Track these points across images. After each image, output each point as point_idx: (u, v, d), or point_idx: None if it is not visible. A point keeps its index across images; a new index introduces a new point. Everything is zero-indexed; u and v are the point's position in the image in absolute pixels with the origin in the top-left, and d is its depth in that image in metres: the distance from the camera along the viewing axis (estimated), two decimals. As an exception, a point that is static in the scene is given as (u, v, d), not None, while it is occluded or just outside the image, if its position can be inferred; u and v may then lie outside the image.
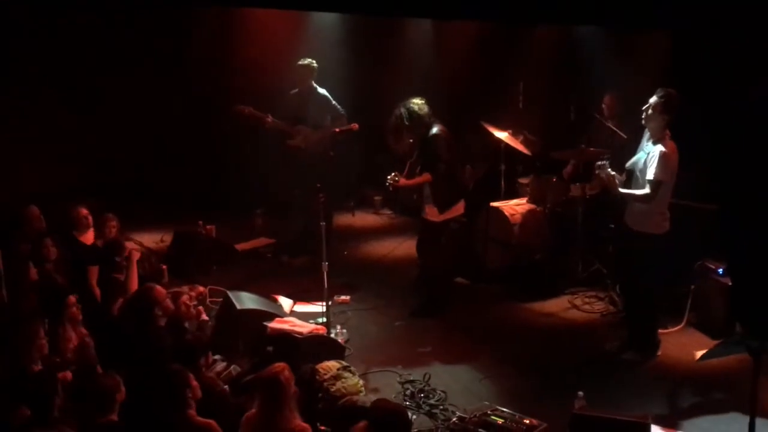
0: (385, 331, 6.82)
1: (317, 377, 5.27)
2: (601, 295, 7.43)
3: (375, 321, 7.02)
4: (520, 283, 7.67)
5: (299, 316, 6.59)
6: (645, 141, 5.99)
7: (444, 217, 6.93)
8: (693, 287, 6.78)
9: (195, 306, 6.06)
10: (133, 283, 6.03)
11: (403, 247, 8.57)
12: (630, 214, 6.06)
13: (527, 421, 4.92)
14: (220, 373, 5.41)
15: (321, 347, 5.85)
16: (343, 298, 7.33)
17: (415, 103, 6.74)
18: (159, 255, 7.87)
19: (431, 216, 6.99)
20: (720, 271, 6.62)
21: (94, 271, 6.29)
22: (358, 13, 9.13)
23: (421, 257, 7.31)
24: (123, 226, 7.41)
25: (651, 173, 5.74)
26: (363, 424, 4.16)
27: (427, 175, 6.79)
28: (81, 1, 8.32)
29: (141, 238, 8.31)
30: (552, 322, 7.06)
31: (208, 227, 8.39)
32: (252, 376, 5.17)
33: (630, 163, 6.03)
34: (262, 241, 8.76)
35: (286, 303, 7.07)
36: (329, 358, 5.53)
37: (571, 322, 7.04)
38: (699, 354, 5.83)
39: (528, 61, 9.33)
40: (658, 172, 5.72)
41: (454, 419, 5.19)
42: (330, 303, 6.55)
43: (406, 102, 6.76)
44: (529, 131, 8.50)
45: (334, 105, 8.17)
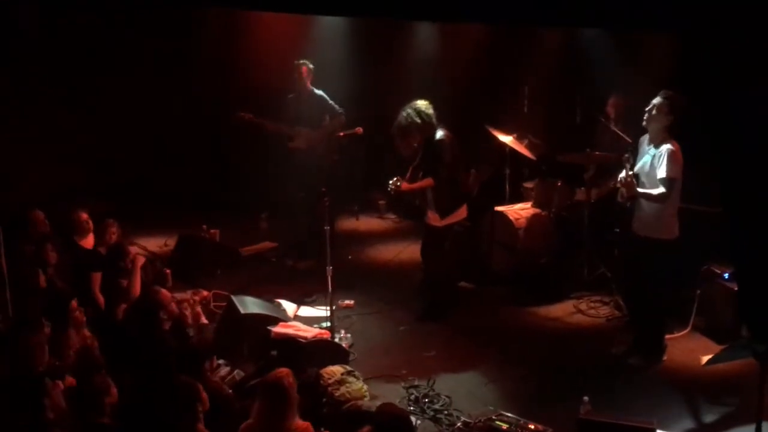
0: (389, 336, 6.81)
1: (321, 382, 5.27)
2: (606, 299, 7.41)
3: (379, 325, 7.00)
4: (525, 287, 7.64)
5: (303, 321, 6.59)
6: (645, 145, 5.97)
7: (446, 222, 6.91)
8: (699, 292, 6.74)
9: (194, 309, 6.05)
10: (136, 289, 6.03)
11: (408, 251, 8.55)
12: (641, 220, 5.99)
13: (532, 426, 4.91)
14: (224, 378, 5.41)
15: (325, 352, 5.85)
16: (347, 302, 7.32)
17: (421, 105, 6.73)
18: (163, 259, 7.87)
19: (433, 221, 6.98)
20: (726, 275, 6.60)
21: (97, 277, 6.29)
22: (362, 16, 9.12)
23: (425, 262, 7.29)
24: (127, 229, 7.42)
25: (663, 172, 5.72)
26: (367, 429, 4.15)
27: (429, 180, 6.77)
28: (81, 1, 8.33)
29: (145, 241, 8.34)
30: (557, 326, 7.04)
31: (212, 231, 8.39)
32: (256, 381, 5.17)
33: (637, 168, 6.00)
34: (267, 245, 8.76)
35: (290, 307, 7.06)
36: (333, 363, 5.53)
37: (577, 327, 7.02)
38: (705, 359, 5.81)
39: (533, 64, 9.31)
40: (669, 169, 5.70)
41: (459, 424, 5.18)
42: (334, 307, 6.54)
43: (411, 104, 6.74)
44: (534, 135, 8.49)
45: (331, 104, 8.21)
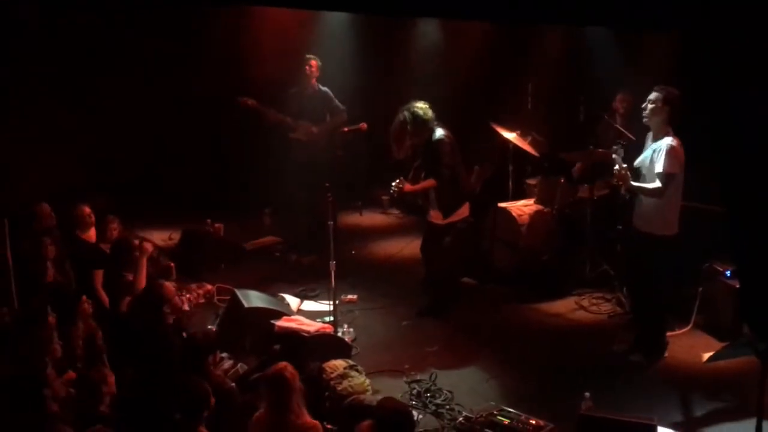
0: (392, 331, 6.83)
1: (324, 376, 5.30)
2: (608, 296, 7.42)
3: (382, 320, 7.03)
4: (528, 284, 7.66)
5: (306, 315, 6.61)
6: (649, 140, 6.01)
7: (448, 221, 6.94)
8: (700, 289, 6.77)
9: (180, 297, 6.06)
10: (142, 281, 6.05)
11: (411, 247, 8.57)
12: (639, 215, 6.04)
13: (534, 421, 4.93)
14: (227, 371, 5.44)
15: (328, 346, 5.87)
16: (350, 297, 7.35)
17: (419, 107, 6.68)
18: (167, 253, 7.90)
19: (436, 219, 6.99)
20: (727, 273, 6.61)
21: (99, 274, 6.31)
22: (366, 12, 9.12)
23: (426, 260, 7.30)
24: (131, 224, 7.44)
25: (660, 166, 5.74)
26: (368, 423, 4.17)
27: (431, 181, 6.76)
28: (81, 1, 8.34)
29: (149, 235, 8.35)
30: (559, 323, 7.06)
31: (216, 226, 8.41)
32: (258, 375, 5.20)
33: (637, 162, 6.03)
34: (270, 239, 8.78)
35: (293, 301, 7.09)
36: (336, 357, 5.56)
37: (578, 323, 7.04)
38: (706, 356, 5.83)
39: (536, 62, 9.32)
40: (667, 164, 5.72)
41: (461, 419, 5.21)
42: (337, 302, 6.57)
43: (409, 106, 6.71)
44: (538, 132, 8.49)
45: (335, 102, 8.24)
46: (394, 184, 6.73)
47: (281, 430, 4.21)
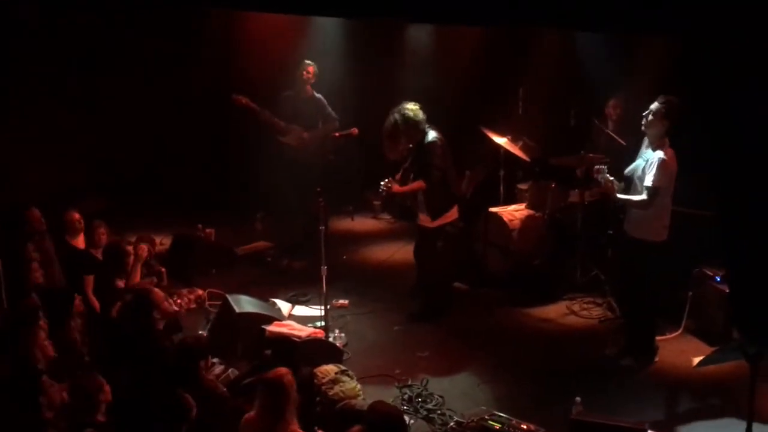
0: (383, 336, 6.83)
1: (315, 381, 5.29)
2: (599, 301, 7.44)
3: (373, 325, 7.03)
4: (519, 288, 7.67)
5: (298, 320, 6.61)
6: (644, 148, 6.03)
7: (437, 223, 6.93)
8: (690, 294, 6.79)
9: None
10: (136, 281, 6.03)
11: (402, 251, 8.57)
12: (629, 221, 6.08)
13: (525, 426, 4.94)
14: (218, 376, 5.43)
15: (319, 351, 5.86)
16: (341, 302, 7.35)
17: (410, 108, 6.71)
18: (158, 258, 7.87)
19: (425, 222, 7.00)
20: (717, 278, 6.63)
21: (90, 280, 6.30)
22: (359, 17, 9.13)
23: (418, 263, 7.31)
24: (121, 228, 7.42)
25: (649, 180, 5.78)
26: (357, 428, 4.16)
27: (420, 183, 6.76)
28: (81, 1, 8.34)
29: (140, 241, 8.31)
30: (550, 327, 7.07)
31: (207, 230, 8.40)
32: (251, 379, 5.19)
33: (629, 169, 6.06)
34: (262, 244, 8.76)
35: (284, 306, 7.08)
36: (327, 362, 5.54)
37: (570, 328, 7.05)
38: (696, 360, 5.83)
39: (528, 67, 9.34)
40: (656, 179, 5.75)
41: (452, 424, 5.21)
42: (329, 307, 6.56)
43: (400, 107, 6.73)
44: (529, 137, 8.52)
45: (329, 110, 8.25)
46: (383, 183, 6.73)
47: None
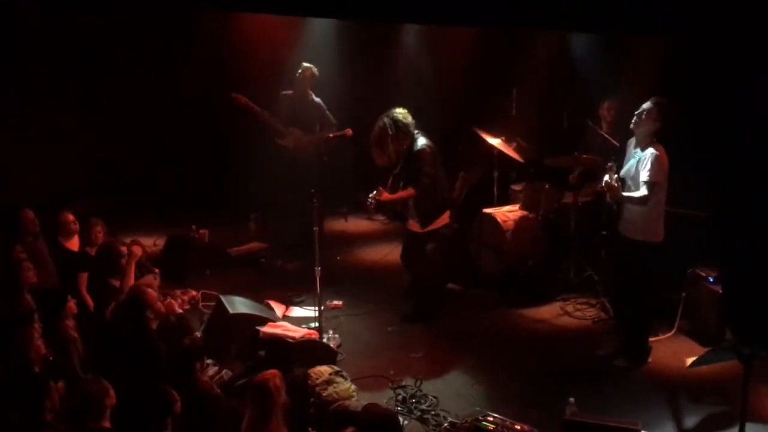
0: (377, 337, 6.83)
1: (309, 382, 5.28)
2: (592, 301, 7.45)
3: (367, 326, 7.02)
4: (513, 289, 7.68)
5: (292, 321, 6.61)
6: (632, 148, 6.05)
7: (426, 230, 6.92)
8: (684, 294, 6.80)
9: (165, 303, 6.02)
10: (130, 284, 6.01)
11: (396, 252, 8.51)
12: (626, 222, 6.06)
13: (518, 426, 4.94)
14: (212, 377, 5.42)
15: (313, 352, 5.87)
16: (335, 303, 7.34)
17: (398, 113, 6.69)
18: (152, 259, 7.86)
19: (414, 227, 7.00)
20: (711, 278, 6.65)
21: (84, 277, 6.28)
22: (353, 18, 9.14)
23: (407, 267, 7.27)
24: (116, 229, 7.40)
25: (645, 175, 5.80)
26: (351, 430, 4.16)
27: (410, 190, 6.74)
28: (81, 1, 8.33)
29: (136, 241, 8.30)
30: (544, 328, 7.08)
31: (201, 231, 8.38)
32: (244, 381, 5.19)
33: (623, 172, 6.07)
34: (256, 245, 8.75)
35: (278, 307, 7.07)
36: (321, 363, 5.54)
37: (563, 329, 7.06)
38: (690, 361, 5.86)
39: (521, 68, 9.35)
40: (652, 173, 5.77)
41: (446, 425, 5.21)
42: (323, 308, 6.56)
43: (389, 113, 6.71)
44: (523, 138, 8.53)
45: (328, 115, 8.25)
46: (370, 196, 6.73)
47: None
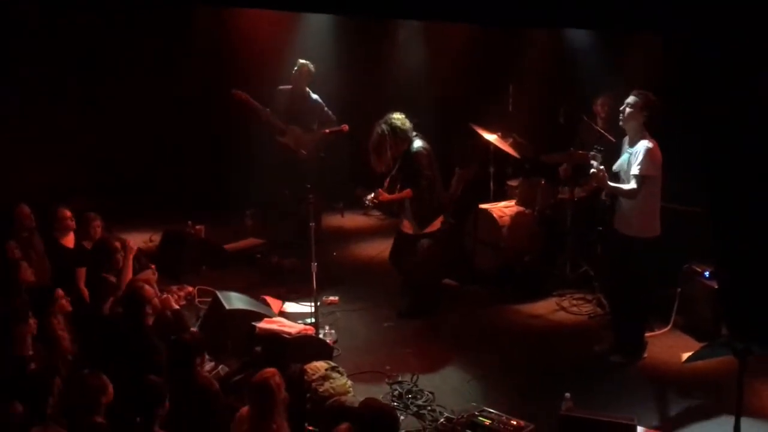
0: (373, 332, 6.83)
1: (305, 377, 5.30)
2: (588, 297, 7.47)
3: (363, 322, 7.03)
4: (510, 284, 7.68)
5: (288, 317, 6.60)
6: (626, 144, 6.06)
7: (420, 232, 6.92)
8: (679, 290, 6.81)
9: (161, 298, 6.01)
10: (127, 280, 6.00)
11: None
12: (622, 218, 6.07)
13: (514, 422, 4.94)
14: (209, 373, 5.41)
15: (309, 348, 5.86)
16: (332, 298, 7.34)
17: (396, 118, 6.70)
18: (148, 254, 7.85)
19: (407, 229, 7.00)
20: (706, 274, 6.66)
21: (81, 272, 6.27)
22: (350, 14, 9.13)
23: (396, 267, 7.24)
24: (112, 225, 7.39)
25: (636, 168, 5.80)
26: (345, 426, 4.16)
27: (408, 191, 6.77)
28: (81, 1, 8.32)
29: (130, 237, 8.29)
30: (540, 323, 7.09)
31: (197, 227, 8.36)
32: (241, 376, 5.19)
33: (616, 166, 6.08)
34: (252, 241, 8.74)
35: (274, 303, 7.07)
36: (318, 359, 5.55)
37: (559, 324, 7.07)
38: (685, 356, 5.87)
39: (518, 64, 9.35)
40: (643, 167, 5.78)
41: (442, 420, 5.21)
42: (319, 303, 6.56)
43: (387, 118, 6.72)
44: (519, 134, 8.52)
45: (327, 111, 8.25)
46: (369, 198, 6.75)
47: None
